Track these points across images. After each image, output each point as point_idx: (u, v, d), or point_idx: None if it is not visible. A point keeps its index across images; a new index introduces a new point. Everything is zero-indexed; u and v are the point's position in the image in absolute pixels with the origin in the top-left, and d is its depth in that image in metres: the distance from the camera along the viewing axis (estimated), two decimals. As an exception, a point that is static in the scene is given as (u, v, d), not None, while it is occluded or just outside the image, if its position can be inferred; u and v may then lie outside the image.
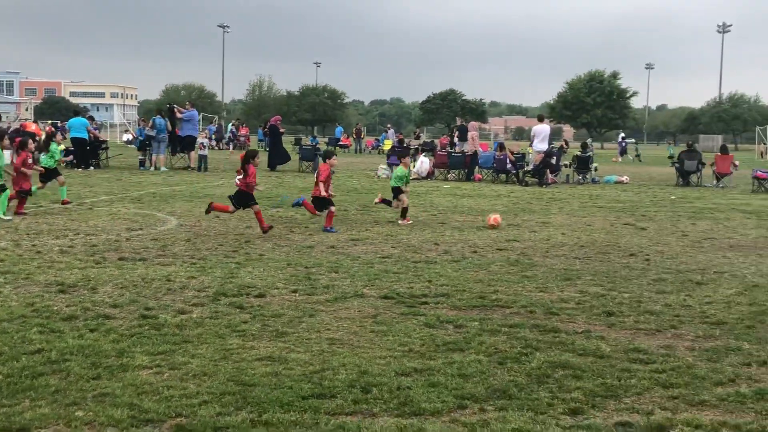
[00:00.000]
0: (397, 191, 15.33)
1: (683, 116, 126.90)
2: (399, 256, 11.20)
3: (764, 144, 60.43)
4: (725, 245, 13.12)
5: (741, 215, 18.02)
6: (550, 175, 27.11)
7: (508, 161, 27.96)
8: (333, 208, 13.97)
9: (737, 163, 29.60)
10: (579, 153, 29.66)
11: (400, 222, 14.90)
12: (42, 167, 16.19)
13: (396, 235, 13.25)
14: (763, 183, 26.00)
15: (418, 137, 58.73)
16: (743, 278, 10.08)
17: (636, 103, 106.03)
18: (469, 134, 34.40)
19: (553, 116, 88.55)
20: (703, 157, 29.47)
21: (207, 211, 13.63)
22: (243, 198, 13.19)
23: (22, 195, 14.86)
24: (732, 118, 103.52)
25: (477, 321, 7.52)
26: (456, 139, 35.68)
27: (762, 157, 58.34)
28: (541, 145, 27.71)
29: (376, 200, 15.91)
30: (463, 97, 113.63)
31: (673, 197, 22.74)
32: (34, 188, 15.62)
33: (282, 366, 5.96)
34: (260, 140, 57.58)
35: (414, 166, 28.34)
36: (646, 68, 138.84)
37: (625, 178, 29.48)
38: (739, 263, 11.26)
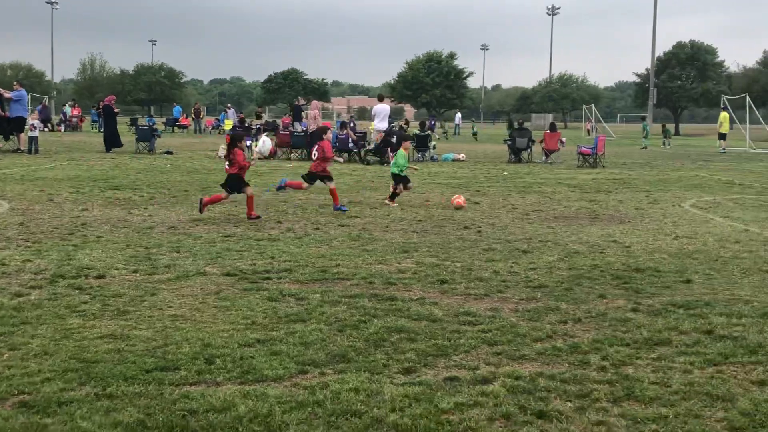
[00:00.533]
0: (397, 178, 15.48)
1: (517, 96, 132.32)
2: (242, 235, 11.31)
3: (590, 122, 64.06)
4: (550, 216, 14.02)
5: (566, 189, 19.23)
6: (390, 154, 27.74)
7: (350, 140, 28.39)
8: (332, 184, 14.35)
9: (564, 140, 31.40)
10: (418, 132, 30.50)
11: (386, 202, 15.34)
12: None
13: (239, 215, 13.32)
14: (587, 158, 27.71)
15: (259, 117, 58.23)
16: (565, 246, 10.86)
17: (472, 83, 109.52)
18: (311, 113, 34.58)
19: (394, 96, 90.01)
20: (533, 134, 31.03)
21: (200, 210, 13.00)
22: (236, 183, 13.06)
23: None
24: (561, 97, 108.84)
25: (318, 293, 7.79)
26: (286, 119, 35.88)
27: (588, 134, 61.87)
28: (381, 124, 28.32)
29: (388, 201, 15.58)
30: (306, 77, 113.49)
31: (505, 173, 23.87)
32: None
33: (125, 343, 6.01)
34: (94, 121, 55.50)
35: (256, 146, 28.29)
36: (482, 49, 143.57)
37: (461, 156, 30.60)
38: (562, 233, 12.10)
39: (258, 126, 35.78)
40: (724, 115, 42.42)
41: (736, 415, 4.78)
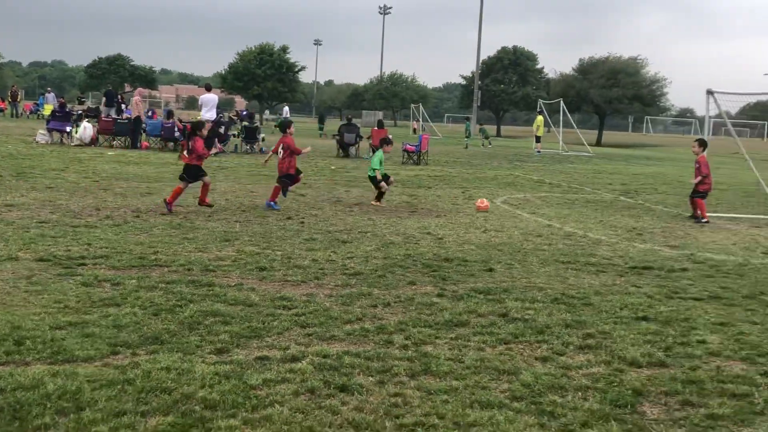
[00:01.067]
0: (376, 178, 15.48)
1: (348, 92, 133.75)
2: (57, 221, 11.03)
3: (417, 121, 65.87)
4: (372, 209, 14.52)
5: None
6: (219, 144, 27.52)
7: (176, 129, 27.93)
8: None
9: (391, 136, 32.19)
10: (247, 123, 30.42)
11: (373, 203, 15.34)
12: None
13: (55, 201, 12.94)
14: (411, 155, 28.65)
15: (81, 102, 55.98)
16: (383, 237, 11.34)
17: (305, 77, 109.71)
18: (133, 99, 33.69)
19: (224, 87, 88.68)
20: (360, 130, 31.69)
21: (169, 210, 12.54)
22: (194, 172, 12.90)
23: None
24: (392, 95, 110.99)
25: (135, 279, 7.81)
26: (103, 106, 35.02)
27: (414, 132, 63.63)
28: (209, 114, 28.01)
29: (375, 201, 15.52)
30: (132, 63, 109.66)
31: (332, 167, 24.30)
32: None
33: (-74, 327, 5.84)
34: None
35: (77, 132, 27.31)
36: (315, 44, 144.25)
37: (290, 149, 30.77)
38: (381, 225, 12.59)
39: (79, 112, 34.46)
40: (539, 119, 44.90)
41: (518, 386, 5.31)
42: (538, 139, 43.00)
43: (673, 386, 5.47)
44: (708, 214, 15.74)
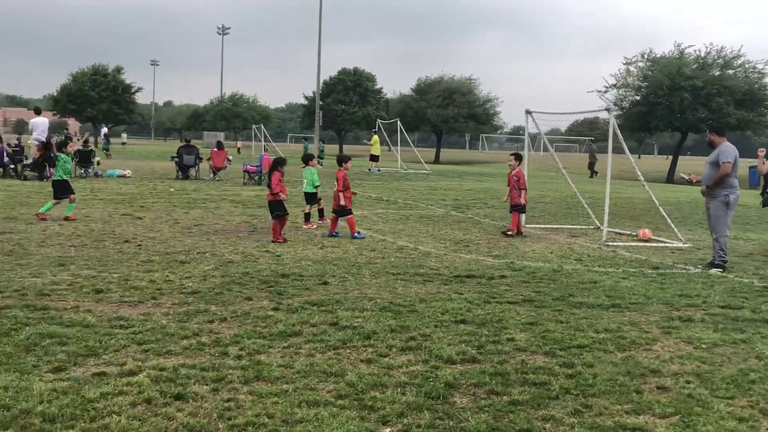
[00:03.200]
0: (313, 197, 16.01)
1: (189, 113, 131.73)
2: None
3: (240, 141, 66.32)
4: (212, 230, 14.73)
5: (230, 204, 20.09)
6: (51, 169, 26.73)
7: (5, 154, 26.92)
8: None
9: (231, 158, 32.31)
10: (81, 148, 29.65)
11: (305, 226, 15.67)
12: None
13: None
14: (252, 176, 28.86)
15: None
16: (222, 256, 11.62)
17: (142, 98, 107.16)
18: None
19: (57, 109, 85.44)
20: (200, 152, 31.59)
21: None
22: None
23: None
24: (233, 115, 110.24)
25: (-34, 306, 7.77)
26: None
27: (239, 152, 64.47)
28: (40, 137, 27.18)
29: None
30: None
31: (172, 189, 24.18)
32: None
33: None
34: None
35: None
36: (152, 64, 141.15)
37: (127, 172, 30.30)
38: (221, 244, 12.85)
39: None
40: (375, 138, 46.07)
41: (343, 386, 5.80)
42: (374, 158, 44.04)
43: (481, 378, 6.12)
44: (530, 225, 16.93)
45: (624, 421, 5.30)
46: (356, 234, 14.33)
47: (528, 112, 17.67)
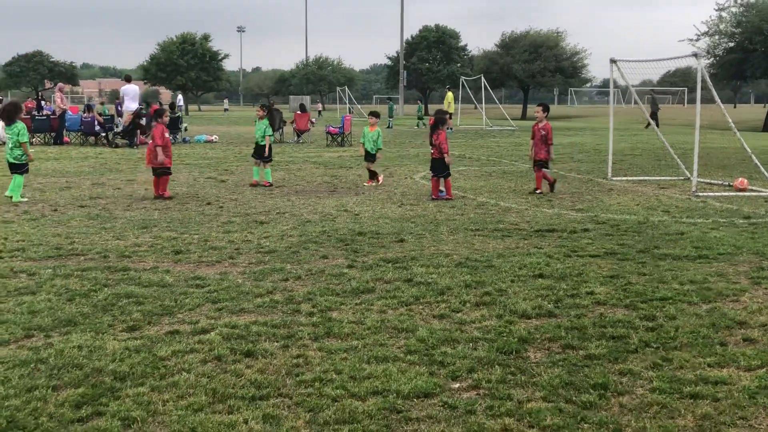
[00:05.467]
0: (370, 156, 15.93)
1: (275, 78, 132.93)
2: (-27, 219, 11.06)
3: (319, 103, 66.58)
4: (292, 191, 14.80)
5: (312, 166, 20.16)
6: (141, 136, 27.38)
7: (96, 123, 27.68)
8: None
9: (314, 120, 32.45)
10: (170, 114, 30.26)
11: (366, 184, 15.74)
12: None
13: (-29, 200, 12.90)
14: (335, 137, 28.91)
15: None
16: (300, 216, 11.65)
17: (230, 65, 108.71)
18: (56, 95, 33.24)
19: (147, 78, 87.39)
20: (283, 116, 31.82)
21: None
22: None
23: None
24: (318, 79, 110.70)
25: (51, 269, 7.98)
26: (42, 102, 34.30)
27: (319, 114, 64.90)
28: (131, 104, 27.82)
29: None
30: (52, 59, 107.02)
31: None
32: None
33: None
34: None
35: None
36: (238, 31, 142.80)
37: (214, 137, 30.78)
38: (300, 205, 12.89)
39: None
40: (449, 95, 45.48)
41: (413, 342, 5.70)
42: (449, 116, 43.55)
43: (557, 333, 5.93)
44: (617, 178, 16.43)
45: (706, 374, 5.05)
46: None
47: (613, 61, 17.06)
